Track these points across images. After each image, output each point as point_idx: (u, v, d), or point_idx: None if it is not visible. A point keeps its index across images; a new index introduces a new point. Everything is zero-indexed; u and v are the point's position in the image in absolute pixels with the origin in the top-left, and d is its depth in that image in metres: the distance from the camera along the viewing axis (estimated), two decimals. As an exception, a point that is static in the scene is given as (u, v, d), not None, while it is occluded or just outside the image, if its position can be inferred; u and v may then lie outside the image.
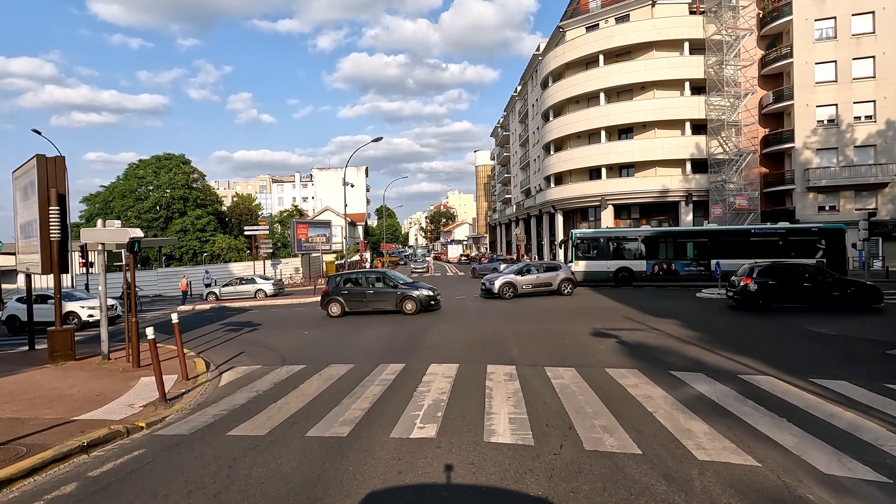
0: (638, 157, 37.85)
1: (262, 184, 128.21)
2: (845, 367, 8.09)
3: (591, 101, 40.26)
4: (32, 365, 10.58)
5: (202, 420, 6.68)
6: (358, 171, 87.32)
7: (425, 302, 17.08)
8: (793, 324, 12.56)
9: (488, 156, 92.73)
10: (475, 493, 4.29)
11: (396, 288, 17.39)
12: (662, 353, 9.56)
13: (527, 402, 6.75)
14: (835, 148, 32.29)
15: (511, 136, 65.78)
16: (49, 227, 10.30)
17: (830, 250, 22.44)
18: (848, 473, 4.41)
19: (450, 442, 5.43)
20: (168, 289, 37.73)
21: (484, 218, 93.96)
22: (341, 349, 11.34)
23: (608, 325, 12.83)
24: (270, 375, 9.05)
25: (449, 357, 9.83)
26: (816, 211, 32.74)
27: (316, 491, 4.43)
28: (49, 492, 4.69)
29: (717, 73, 34.37)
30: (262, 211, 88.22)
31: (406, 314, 16.70)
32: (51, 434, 6.03)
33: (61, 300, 11.41)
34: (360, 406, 6.90)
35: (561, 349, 10.22)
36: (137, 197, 59.12)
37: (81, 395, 8.00)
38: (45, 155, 10.58)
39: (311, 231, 41.05)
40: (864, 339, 10.47)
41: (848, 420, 5.70)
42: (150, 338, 7.81)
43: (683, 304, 17.59)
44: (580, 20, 41.13)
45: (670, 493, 4.17)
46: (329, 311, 17.47)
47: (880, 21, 31.10)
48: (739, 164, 34.18)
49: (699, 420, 5.83)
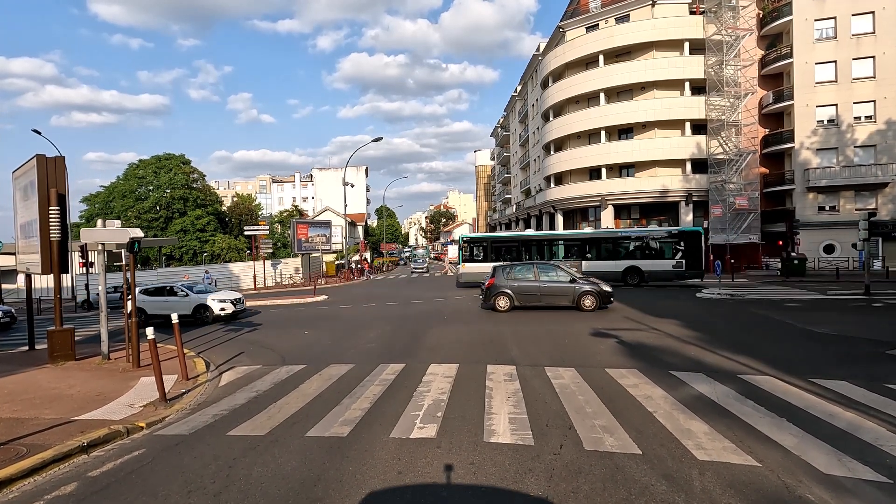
0: (638, 157, 37.85)
1: (262, 184, 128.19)
2: (845, 367, 8.09)
3: (591, 101, 40.26)
4: (32, 365, 10.58)
5: (202, 420, 6.68)
6: (358, 171, 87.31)
7: (605, 298, 15.89)
8: (793, 324, 12.56)
9: (488, 156, 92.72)
10: (475, 493, 4.29)
11: (574, 283, 16.15)
12: (662, 353, 9.56)
13: (527, 402, 6.75)
14: (835, 148, 32.29)
15: (511, 137, 65.77)
16: (49, 227, 10.30)
17: (689, 250, 24.52)
18: (848, 473, 4.41)
19: (450, 442, 5.43)
20: (168, 289, 37.64)
21: (484, 218, 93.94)
22: (341, 349, 11.34)
23: (608, 325, 12.83)
24: (270, 375, 9.05)
25: (449, 357, 9.83)
26: (816, 211, 32.73)
27: (316, 491, 4.43)
28: (49, 492, 4.69)
29: (717, 73, 34.37)
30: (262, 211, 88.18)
31: (584, 311, 15.57)
32: (51, 434, 6.03)
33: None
34: (360, 406, 6.90)
35: (561, 349, 10.22)
36: (137, 197, 59.10)
37: (81, 395, 8.00)
38: (45, 155, 10.59)
39: (311, 231, 41.03)
40: (864, 339, 10.47)
41: (848, 420, 5.70)
42: (150, 338, 7.81)
43: (683, 304, 17.60)
44: (580, 20, 41.13)
45: (670, 493, 4.17)
46: (497, 305, 16.40)
47: (880, 21, 31.09)
48: (739, 164, 34.17)
49: (699, 420, 5.83)
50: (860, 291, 19.09)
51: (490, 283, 16.83)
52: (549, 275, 16.61)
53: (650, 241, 25.52)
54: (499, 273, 16.91)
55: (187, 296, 17.95)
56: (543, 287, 16.33)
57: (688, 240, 24.81)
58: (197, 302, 17.71)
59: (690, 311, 15.42)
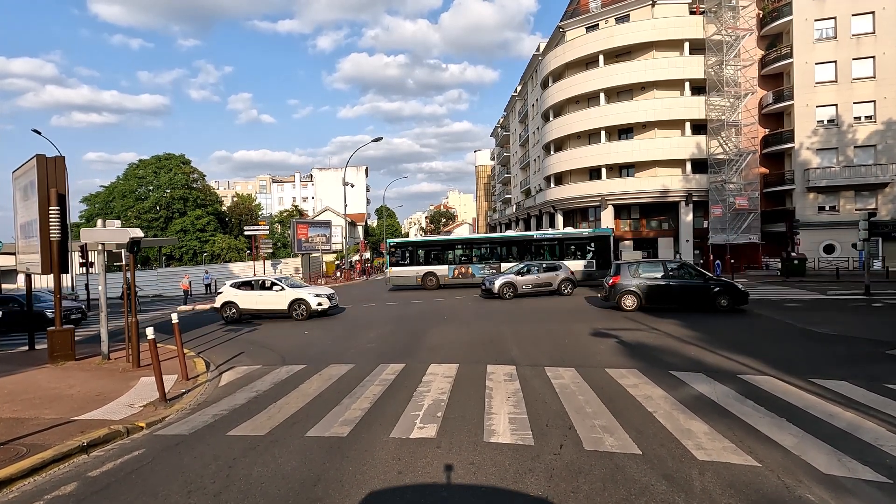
0: (638, 157, 37.85)
1: (262, 184, 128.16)
2: (845, 367, 8.09)
3: (591, 101, 40.25)
4: (32, 365, 10.58)
5: (202, 420, 6.68)
6: (358, 171, 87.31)
7: (740, 298, 15.09)
8: (793, 324, 12.56)
9: (488, 156, 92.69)
10: (475, 493, 4.29)
11: (707, 282, 15.33)
12: (662, 353, 9.56)
13: (527, 402, 6.75)
14: (835, 148, 32.28)
15: (511, 137, 65.76)
16: (49, 227, 10.30)
17: (599, 250, 25.77)
18: (848, 473, 4.41)
19: (450, 442, 5.43)
20: (168, 289, 37.74)
21: (484, 218, 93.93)
22: (341, 349, 11.34)
23: (608, 325, 12.83)
24: (270, 375, 9.05)
25: (449, 357, 9.83)
26: (816, 211, 32.74)
27: (316, 491, 4.43)
28: (49, 492, 4.69)
29: (717, 73, 34.37)
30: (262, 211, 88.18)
31: (721, 311, 14.82)
32: (51, 434, 6.02)
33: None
34: (361, 406, 6.90)
35: (561, 349, 10.22)
36: (137, 197, 59.13)
37: (81, 395, 8.00)
38: (45, 155, 10.59)
39: (311, 231, 41.05)
40: (864, 339, 10.46)
41: (848, 420, 5.70)
42: (150, 338, 7.80)
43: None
44: (580, 20, 41.13)
45: (670, 493, 4.17)
46: (623, 304, 15.60)
47: (880, 21, 31.09)
48: (739, 164, 34.18)
49: (699, 420, 5.83)
50: (860, 291, 19.09)
51: (615, 281, 15.92)
52: (680, 272, 15.87)
53: (565, 242, 26.51)
54: (624, 271, 16.06)
55: (283, 290, 17.26)
56: (674, 286, 15.54)
57: (598, 241, 25.94)
58: (293, 297, 17.04)
59: (690, 312, 15.41)
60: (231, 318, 17.29)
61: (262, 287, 17.53)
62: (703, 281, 15.44)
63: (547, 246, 26.77)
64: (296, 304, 16.93)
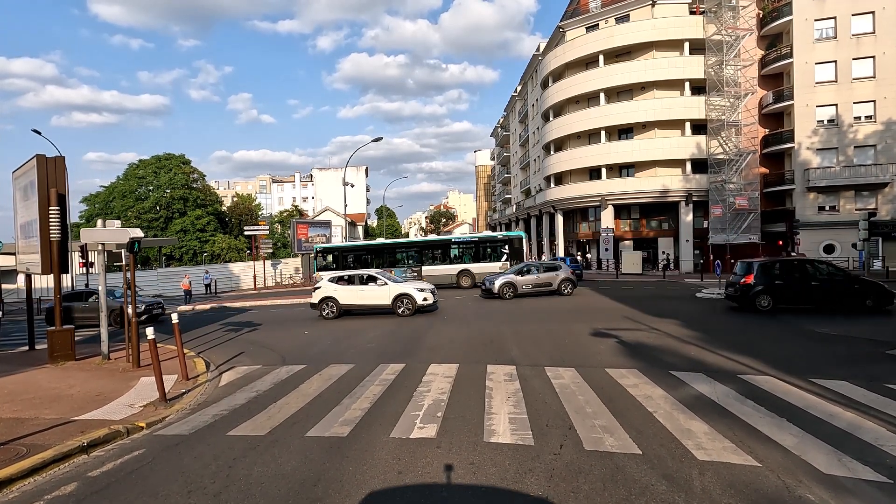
0: (638, 157, 37.85)
1: (262, 184, 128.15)
2: (845, 367, 8.08)
3: (591, 101, 40.26)
4: (32, 365, 10.58)
5: (202, 420, 6.68)
6: (358, 171, 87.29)
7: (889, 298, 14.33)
8: (793, 324, 12.56)
9: (488, 156, 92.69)
10: (475, 493, 4.28)
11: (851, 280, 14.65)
12: (662, 353, 9.55)
13: (527, 402, 6.75)
14: (835, 148, 32.28)
15: (511, 137, 65.77)
16: (49, 227, 10.30)
17: (513, 253, 26.60)
18: (848, 473, 4.41)
19: (450, 442, 5.43)
20: (168, 289, 37.71)
21: (484, 218, 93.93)
22: (341, 349, 11.34)
23: (608, 325, 12.83)
24: (270, 375, 9.05)
25: (449, 357, 9.83)
26: (816, 211, 32.73)
27: (316, 491, 4.43)
28: (49, 492, 4.69)
29: (717, 73, 34.36)
30: (262, 211, 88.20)
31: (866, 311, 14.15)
32: (51, 434, 6.02)
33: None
34: (361, 406, 6.90)
35: (561, 349, 10.22)
36: (137, 197, 59.11)
37: (81, 395, 8.00)
38: (45, 155, 10.58)
39: (311, 231, 41.08)
40: (864, 339, 10.46)
41: (848, 420, 5.70)
42: (150, 338, 7.80)
43: (683, 304, 17.61)
44: (580, 20, 41.13)
45: (670, 493, 4.17)
46: (758, 304, 14.85)
47: (880, 21, 31.08)
48: (739, 164, 34.18)
49: (699, 420, 5.82)
50: (860, 291, 19.03)
51: (748, 280, 15.09)
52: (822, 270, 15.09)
53: (481, 245, 27.35)
54: (758, 270, 15.13)
55: (386, 284, 16.78)
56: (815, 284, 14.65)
57: (511, 244, 26.83)
58: (398, 291, 16.52)
59: (690, 312, 15.43)
60: (331, 315, 16.77)
61: (363, 281, 17.06)
62: (846, 279, 14.61)
63: (467, 248, 27.61)
64: (401, 299, 16.43)
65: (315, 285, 18.58)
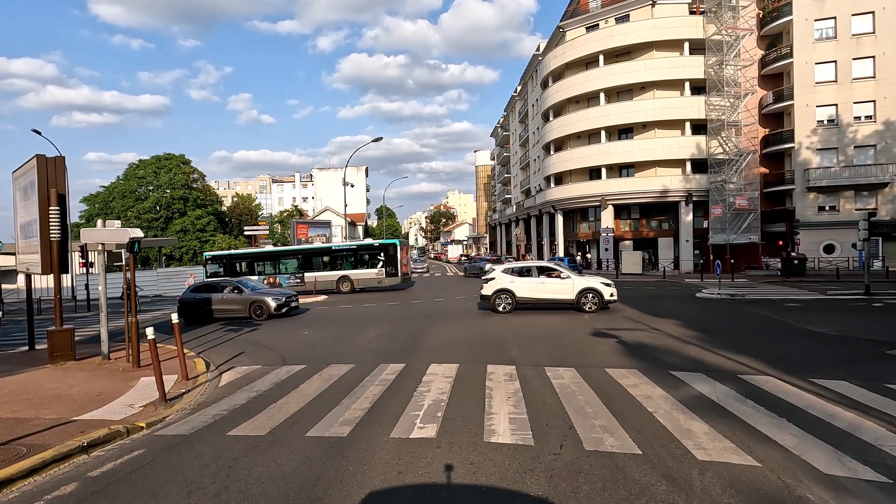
0: (638, 157, 37.84)
1: (262, 184, 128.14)
2: (845, 367, 8.09)
3: (591, 101, 40.25)
4: (32, 365, 10.57)
5: (202, 420, 6.68)
6: (358, 171, 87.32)
7: None
8: (793, 324, 12.56)
9: (488, 156, 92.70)
10: (475, 493, 4.28)
11: None
12: (662, 353, 9.55)
13: (527, 402, 6.75)
14: (835, 148, 32.29)
15: (511, 137, 65.78)
16: (49, 227, 10.29)
17: (388, 260, 27.09)
18: (848, 473, 4.40)
19: (450, 442, 5.43)
20: (168, 289, 37.71)
21: (484, 218, 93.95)
22: (341, 349, 11.33)
23: (608, 325, 12.83)
24: (270, 375, 9.05)
25: (449, 357, 9.83)
26: (816, 211, 32.74)
27: (316, 491, 4.43)
28: (49, 492, 4.68)
29: (717, 73, 34.36)
30: (262, 211, 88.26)
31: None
32: (51, 434, 6.02)
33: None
34: (361, 406, 6.89)
35: (561, 349, 10.22)
36: (137, 197, 59.16)
37: (81, 395, 8.00)
38: (46, 155, 10.56)
39: (310, 231, 41.13)
40: (864, 339, 10.47)
41: (848, 420, 5.70)
42: (150, 338, 7.80)
43: (683, 304, 17.61)
44: (580, 20, 41.13)
45: (670, 493, 4.17)
46: None
47: (880, 21, 31.09)
48: (739, 164, 34.17)
49: (699, 420, 5.82)
50: (860, 291, 19.09)
51: None
52: None
53: (359, 252, 27.93)
54: None
55: (569, 278, 15.77)
56: None
57: (387, 251, 27.31)
58: (584, 286, 15.40)
59: (690, 312, 15.43)
60: (507, 308, 15.74)
61: (541, 273, 16.03)
62: None
63: (346, 256, 28.28)
64: (586, 293, 15.24)
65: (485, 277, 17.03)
